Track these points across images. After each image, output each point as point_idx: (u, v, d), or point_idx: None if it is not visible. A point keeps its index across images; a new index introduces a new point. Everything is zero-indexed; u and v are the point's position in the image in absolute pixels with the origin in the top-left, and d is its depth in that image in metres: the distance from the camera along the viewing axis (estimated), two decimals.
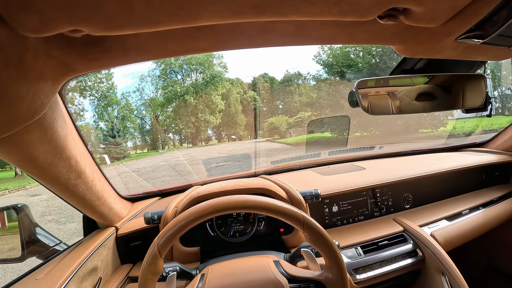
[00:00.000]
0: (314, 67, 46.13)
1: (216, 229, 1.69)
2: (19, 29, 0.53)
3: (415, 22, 0.68)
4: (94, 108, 27.30)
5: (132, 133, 29.13)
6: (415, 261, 1.68)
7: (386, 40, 0.91)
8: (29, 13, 0.50)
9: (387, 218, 1.96)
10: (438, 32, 0.80)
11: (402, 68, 1.31)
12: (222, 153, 20.40)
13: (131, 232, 1.62)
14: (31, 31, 0.55)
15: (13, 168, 21.89)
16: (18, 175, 20.43)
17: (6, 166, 26.42)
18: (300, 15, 0.63)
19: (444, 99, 1.35)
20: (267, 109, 31.33)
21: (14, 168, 21.67)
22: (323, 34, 0.83)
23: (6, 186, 15.98)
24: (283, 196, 1.65)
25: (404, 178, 2.04)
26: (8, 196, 14.50)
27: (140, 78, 29.75)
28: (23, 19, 0.51)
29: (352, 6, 0.61)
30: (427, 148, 2.93)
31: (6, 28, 0.53)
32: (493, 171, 2.46)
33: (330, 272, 1.09)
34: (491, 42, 0.80)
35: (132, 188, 10.34)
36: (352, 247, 1.67)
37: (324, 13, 0.62)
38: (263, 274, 1.16)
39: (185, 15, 0.58)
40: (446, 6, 0.65)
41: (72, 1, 0.48)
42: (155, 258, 1.00)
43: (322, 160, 2.67)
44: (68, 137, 1.04)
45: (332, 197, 1.88)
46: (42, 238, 1.49)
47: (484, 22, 0.72)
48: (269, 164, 2.67)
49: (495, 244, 2.49)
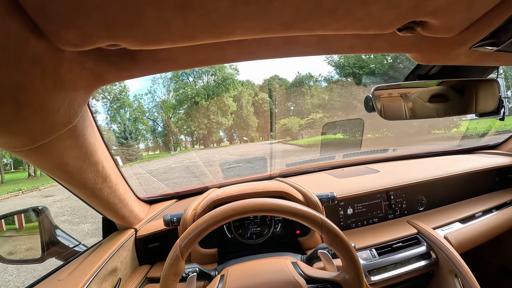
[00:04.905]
0: (325, 69, 45.90)
1: (233, 231, 1.72)
2: (59, 43, 0.55)
3: (431, 33, 0.70)
4: (107, 110, 27.47)
5: (144, 135, 29.21)
6: (428, 263, 1.69)
7: (403, 49, 0.93)
8: (70, 29, 0.52)
9: (401, 221, 1.96)
10: (453, 41, 0.81)
11: (416, 74, 1.33)
12: (234, 155, 20.31)
13: (150, 233, 1.65)
14: (70, 46, 0.57)
15: (26, 169, 22.07)
16: (32, 176, 20.59)
17: (20, 167, 26.63)
18: (325, 30, 0.65)
19: (457, 104, 1.36)
20: (278, 111, 31.21)
21: (27, 169, 21.84)
22: (343, 45, 0.86)
23: (19, 187, 16.11)
24: (300, 198, 1.66)
25: (417, 181, 2.05)
26: (22, 197, 14.60)
27: (152, 81, 29.91)
28: (64, 34, 0.53)
29: (373, 21, 0.63)
30: (441, 151, 2.92)
31: (45, 42, 0.55)
32: (506, 173, 2.46)
33: (347, 273, 1.11)
34: (504, 49, 0.82)
35: (147, 189, 10.35)
36: (367, 249, 1.68)
37: (347, 28, 0.65)
38: (282, 275, 1.18)
39: (219, 32, 0.60)
40: (461, 18, 0.67)
41: (112, 18, 0.51)
42: (177, 260, 1.03)
43: (336, 162, 2.68)
44: (96, 143, 1.07)
45: (347, 200, 1.89)
46: (62, 239, 1.52)
47: (497, 31, 0.73)
48: (284, 166, 2.68)
49: (509, 246, 2.47)
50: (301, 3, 0.54)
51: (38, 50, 0.55)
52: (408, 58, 1.04)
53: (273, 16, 0.57)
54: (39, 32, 0.52)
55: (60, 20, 0.50)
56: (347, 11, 0.59)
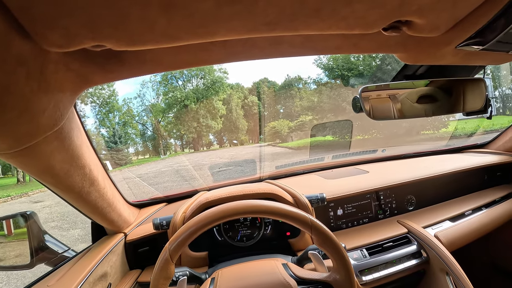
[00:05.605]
0: (314, 71, 46.11)
1: (223, 233, 1.71)
2: (43, 44, 0.55)
3: (417, 32, 0.70)
4: (96, 114, 27.32)
5: (133, 139, 29.08)
6: (419, 262, 1.70)
7: (389, 49, 0.93)
8: (54, 30, 0.51)
9: (391, 220, 1.98)
10: (439, 41, 0.82)
11: (403, 74, 1.33)
12: (224, 158, 20.33)
13: (139, 238, 1.64)
14: (55, 46, 0.56)
15: (15, 175, 21.84)
16: (21, 182, 20.38)
17: (8, 173, 26.33)
18: (310, 30, 0.65)
19: (445, 103, 1.37)
20: (268, 114, 31.25)
21: (16, 174, 21.62)
22: (329, 45, 0.86)
23: (8, 193, 15.91)
24: (290, 200, 1.66)
25: (407, 181, 2.06)
26: (11, 203, 14.43)
27: (141, 84, 29.76)
28: (48, 34, 0.53)
29: (358, 21, 0.63)
30: (429, 150, 2.94)
31: (30, 43, 0.54)
32: (495, 171, 2.49)
33: (338, 273, 1.11)
34: (490, 48, 0.82)
35: (137, 194, 10.30)
36: (358, 249, 1.69)
37: (332, 27, 0.65)
38: (273, 276, 1.18)
39: (203, 33, 0.60)
40: (446, 17, 0.68)
41: (97, 18, 0.50)
42: (167, 263, 1.02)
43: (325, 164, 2.68)
44: (83, 146, 1.06)
45: (337, 201, 1.89)
46: (51, 245, 1.50)
47: (483, 30, 0.74)
48: (273, 168, 2.67)
49: (498, 243, 2.51)
50: (286, 2, 0.54)
51: (23, 51, 0.55)
52: (395, 59, 1.05)
53: (258, 15, 0.57)
54: (24, 32, 0.52)
55: (45, 21, 0.49)
56: (332, 10, 0.59)
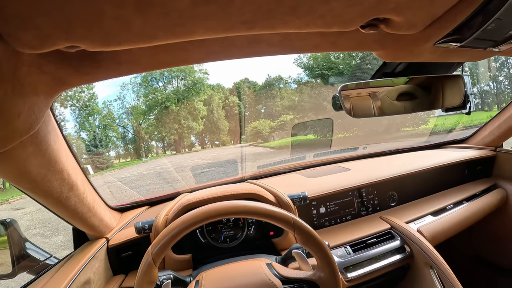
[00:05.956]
0: (295, 70, 46.23)
1: (206, 235, 1.71)
2: (16, 45, 0.54)
3: (395, 30, 0.71)
4: (75, 117, 26.93)
5: (114, 142, 28.73)
6: (403, 257, 1.72)
7: (368, 47, 0.94)
8: (27, 30, 0.50)
9: (374, 217, 2.00)
10: (417, 38, 0.82)
11: (382, 72, 1.34)
12: (206, 159, 20.26)
13: (122, 242, 1.62)
14: (28, 48, 0.55)
15: None
16: (0, 189, 20.02)
17: None
18: (287, 28, 0.65)
19: (424, 100, 1.39)
20: (249, 114, 31.20)
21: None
22: (307, 44, 0.86)
23: None
24: (272, 200, 1.67)
25: (388, 177, 2.08)
26: None
27: (121, 86, 29.39)
28: (21, 35, 0.51)
29: (335, 18, 0.63)
30: (410, 147, 2.99)
31: (3, 44, 0.53)
32: (474, 166, 2.54)
33: (322, 271, 1.12)
34: (468, 45, 0.83)
35: (119, 198, 10.20)
36: (341, 247, 1.70)
37: (310, 25, 0.65)
38: (257, 277, 1.18)
39: (181, 32, 0.60)
40: (424, 15, 0.68)
41: (70, 18, 0.49)
42: (149, 267, 1.02)
43: (307, 162, 2.70)
44: (60, 150, 1.05)
45: (319, 199, 1.90)
46: (33, 252, 1.47)
47: (460, 27, 0.75)
48: (255, 168, 2.67)
49: (481, 236, 2.57)
50: (263, 0, 0.54)
51: None
52: (375, 58, 1.05)
53: (234, 14, 0.56)
54: None
55: (17, 21, 0.48)
56: (309, 8, 0.58)
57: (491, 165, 2.61)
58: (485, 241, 2.60)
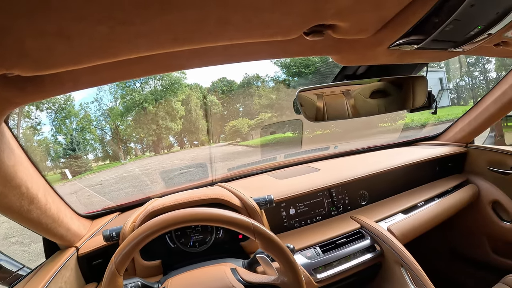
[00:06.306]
0: (272, 69, 46.28)
1: (175, 240, 1.69)
2: None
3: (343, 35, 0.70)
4: (52, 121, 26.51)
5: (92, 145, 28.35)
6: (374, 256, 1.73)
7: (322, 51, 0.93)
8: None
9: (345, 216, 2.00)
10: (370, 42, 0.82)
11: (344, 74, 1.35)
12: (185, 160, 20.21)
13: (92, 250, 1.59)
14: None
15: None
16: None
17: None
18: (224, 41, 0.64)
19: (388, 101, 1.40)
20: (228, 113, 31.17)
21: None
22: (257, 51, 0.85)
23: None
24: (238, 204, 1.67)
25: (358, 176, 2.09)
26: None
27: (98, 88, 29.08)
28: None
29: (274, 29, 0.63)
30: (382, 145, 3.01)
31: None
32: (446, 162, 2.58)
33: (286, 276, 1.12)
34: (426, 47, 0.83)
35: (96, 202, 10.08)
36: (311, 248, 1.70)
37: (251, 36, 0.64)
38: (220, 282, 1.18)
39: (105, 55, 0.60)
40: (373, 19, 0.68)
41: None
42: (114, 276, 1.01)
43: (277, 163, 2.69)
44: (16, 166, 1.02)
45: (288, 200, 1.90)
46: (4, 263, 1.45)
47: (415, 29, 0.74)
48: (226, 170, 2.67)
49: (455, 231, 2.63)
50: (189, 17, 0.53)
51: None
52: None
53: (161, 33, 0.57)
54: None
55: None
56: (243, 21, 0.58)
57: (463, 161, 2.65)
58: (459, 236, 2.65)
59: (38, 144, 24.70)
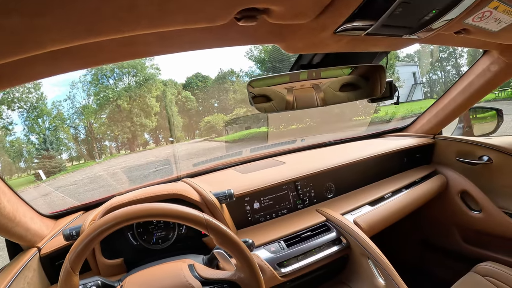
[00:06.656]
0: (247, 64, 46.46)
1: (138, 238, 1.65)
2: None
3: (280, 20, 0.67)
4: (24, 120, 26.07)
5: (66, 144, 28.09)
6: (340, 248, 1.72)
7: (264, 39, 0.90)
8: None
9: (310, 210, 1.99)
10: (313, 27, 0.78)
11: (299, 64, 1.31)
12: (160, 157, 20.18)
13: (54, 250, 1.55)
14: None
15: None
16: None
17: None
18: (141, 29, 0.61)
19: (350, 91, 1.38)
20: (202, 108, 31.24)
21: None
22: (191, 40, 0.81)
23: None
24: (197, 199, 1.65)
25: (324, 169, 2.08)
26: None
27: (71, 85, 28.65)
28: None
29: (198, 14, 0.59)
30: (350, 137, 3.01)
31: None
32: (414, 153, 2.60)
33: (243, 272, 1.11)
34: (376, 33, 0.80)
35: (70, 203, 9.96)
36: (275, 242, 1.68)
37: (173, 23, 0.61)
38: (176, 279, 1.17)
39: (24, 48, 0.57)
40: (309, 2, 0.64)
41: None
42: (69, 275, 0.98)
43: (243, 158, 2.68)
44: None
45: (252, 194, 1.88)
46: None
47: (359, 13, 0.71)
48: (191, 166, 2.64)
49: (426, 221, 2.66)
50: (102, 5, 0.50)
51: None
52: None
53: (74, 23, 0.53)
54: None
55: None
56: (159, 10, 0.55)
57: (431, 152, 2.68)
58: (429, 226, 2.69)
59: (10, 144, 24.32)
